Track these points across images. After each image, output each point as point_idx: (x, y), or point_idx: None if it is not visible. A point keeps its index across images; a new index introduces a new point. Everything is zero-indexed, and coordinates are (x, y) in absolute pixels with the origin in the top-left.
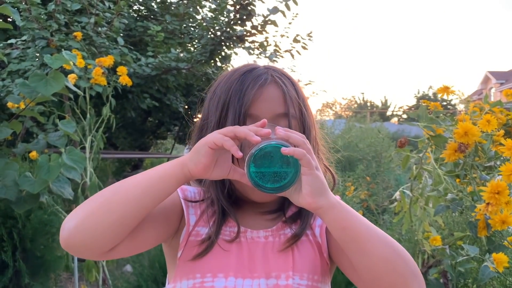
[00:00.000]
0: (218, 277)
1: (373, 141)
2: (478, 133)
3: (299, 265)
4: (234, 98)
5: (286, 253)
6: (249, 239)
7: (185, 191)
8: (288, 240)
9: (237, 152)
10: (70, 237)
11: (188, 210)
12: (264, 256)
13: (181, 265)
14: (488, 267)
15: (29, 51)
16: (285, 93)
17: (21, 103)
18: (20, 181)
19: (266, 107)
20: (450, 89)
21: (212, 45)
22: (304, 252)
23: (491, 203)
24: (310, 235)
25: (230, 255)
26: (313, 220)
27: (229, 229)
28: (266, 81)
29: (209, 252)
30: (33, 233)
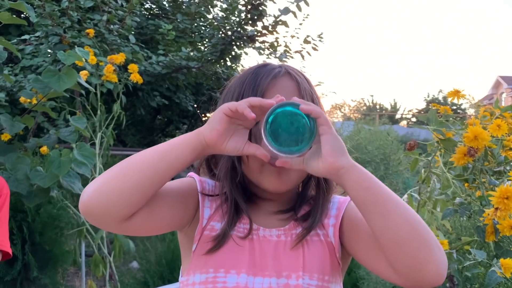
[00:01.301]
0: (230, 273)
1: (382, 143)
2: (488, 138)
3: (309, 265)
4: (248, 88)
5: (297, 253)
6: (261, 237)
7: (203, 183)
8: (299, 236)
9: (250, 114)
10: (88, 200)
11: (204, 202)
12: (275, 254)
13: (195, 259)
14: (495, 272)
15: (42, 47)
16: (299, 83)
17: (33, 98)
18: (31, 175)
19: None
20: (461, 93)
21: (222, 45)
22: (315, 252)
23: (500, 208)
24: (322, 235)
25: (243, 252)
26: (326, 219)
27: (242, 225)
28: (279, 72)
29: (223, 247)
30: (42, 227)
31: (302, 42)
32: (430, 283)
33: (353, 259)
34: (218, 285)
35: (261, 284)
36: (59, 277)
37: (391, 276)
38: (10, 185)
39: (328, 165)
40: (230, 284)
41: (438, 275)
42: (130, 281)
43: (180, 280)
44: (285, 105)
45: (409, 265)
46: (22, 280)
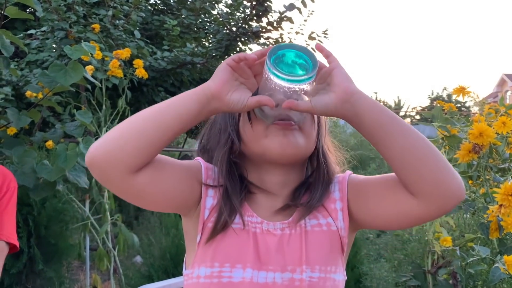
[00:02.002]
0: (236, 267)
1: None
2: (493, 135)
3: (312, 257)
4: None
5: (301, 246)
6: (265, 230)
7: (208, 170)
8: (302, 213)
9: (252, 55)
10: (94, 149)
11: (207, 191)
12: (279, 248)
13: (200, 251)
14: (498, 268)
15: (48, 42)
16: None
17: (40, 93)
18: (37, 168)
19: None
20: (466, 89)
21: (227, 41)
22: (317, 244)
23: (504, 205)
24: (325, 225)
25: (248, 246)
26: (332, 205)
27: (247, 218)
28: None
29: (227, 240)
30: (48, 220)
31: (307, 39)
32: (454, 198)
33: (353, 249)
34: (224, 279)
35: (265, 279)
36: (64, 270)
37: (413, 206)
38: (17, 178)
39: (342, 91)
40: (236, 279)
41: (460, 189)
42: (134, 275)
43: (184, 273)
44: (288, 47)
45: (433, 181)
46: (27, 273)
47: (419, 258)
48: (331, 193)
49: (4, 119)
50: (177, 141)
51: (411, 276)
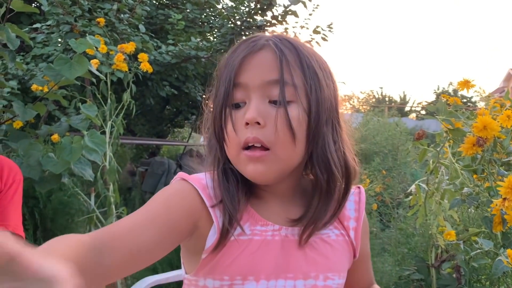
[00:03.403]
0: (248, 279)
1: (390, 134)
2: (498, 128)
3: (337, 264)
4: (225, 68)
5: (324, 252)
6: (283, 236)
7: (206, 189)
8: (314, 234)
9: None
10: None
11: (215, 213)
12: (300, 255)
13: (204, 263)
14: (501, 261)
15: (53, 36)
16: (280, 58)
17: (45, 86)
18: (43, 161)
19: (255, 73)
20: (471, 83)
21: (232, 34)
22: (340, 251)
23: (508, 199)
24: (345, 235)
25: (263, 255)
26: (346, 222)
27: (260, 227)
28: (258, 46)
29: (235, 251)
30: (54, 213)
31: (312, 32)
32: None
33: None
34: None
35: (283, 287)
36: None
37: None
38: (23, 171)
39: None
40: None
41: None
42: None
43: (186, 277)
44: None
45: None
46: None
47: (422, 252)
48: (347, 209)
49: (10, 113)
50: (182, 136)
51: (414, 270)
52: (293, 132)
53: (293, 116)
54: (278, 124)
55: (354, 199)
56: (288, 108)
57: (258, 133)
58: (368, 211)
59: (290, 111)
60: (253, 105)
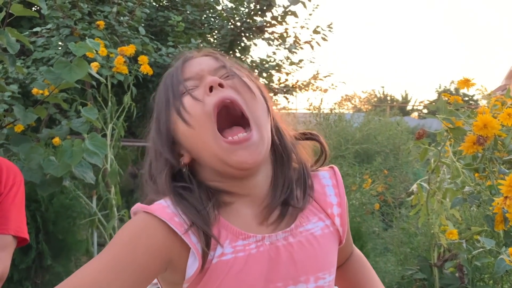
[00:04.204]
0: None
1: (392, 134)
2: (498, 126)
3: (326, 262)
4: (168, 78)
5: (311, 252)
6: (268, 245)
7: (173, 216)
8: (297, 216)
9: None
10: None
11: (191, 239)
12: (288, 260)
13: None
14: (504, 260)
15: (53, 39)
16: (216, 57)
17: (45, 89)
18: (44, 164)
19: (198, 68)
20: (471, 81)
21: (231, 36)
22: (329, 247)
23: (509, 197)
24: (330, 225)
25: (251, 271)
26: (329, 209)
27: (242, 242)
28: (192, 54)
29: (222, 274)
30: (55, 216)
31: (312, 33)
32: None
33: (359, 242)
34: None
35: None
36: (72, 265)
37: None
38: (24, 174)
39: None
40: None
41: None
42: None
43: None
44: None
45: None
46: (36, 268)
47: (425, 251)
48: (327, 196)
49: (11, 116)
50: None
51: (417, 270)
52: (251, 90)
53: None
54: (239, 87)
55: (332, 183)
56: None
57: (229, 93)
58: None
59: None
60: (209, 76)
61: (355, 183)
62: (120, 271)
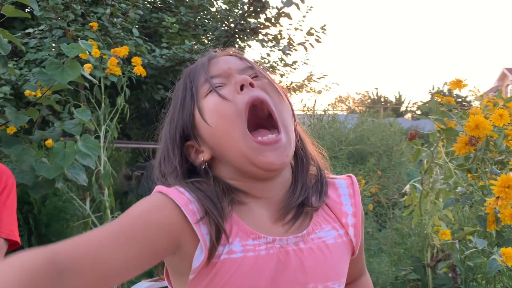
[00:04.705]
0: None
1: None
2: (490, 127)
3: (336, 271)
4: (192, 73)
5: (322, 260)
6: (278, 248)
7: (189, 204)
8: (309, 221)
9: None
10: None
11: (201, 230)
12: (298, 266)
13: (193, 286)
14: (495, 260)
15: (46, 41)
16: (239, 56)
17: (38, 91)
18: (36, 166)
19: (226, 66)
20: (463, 82)
21: (225, 37)
22: (340, 256)
23: (501, 197)
24: (344, 235)
25: (258, 273)
26: (344, 219)
27: (252, 241)
28: (216, 54)
29: (227, 272)
30: (48, 218)
31: (306, 34)
32: None
33: None
34: None
35: None
36: None
37: None
38: (16, 176)
39: None
40: None
41: None
42: None
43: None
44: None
45: None
46: None
47: (418, 252)
48: (343, 205)
49: (3, 118)
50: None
51: (410, 270)
52: (280, 92)
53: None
54: (268, 88)
55: (349, 193)
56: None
57: (259, 93)
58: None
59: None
60: (239, 75)
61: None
62: (127, 239)
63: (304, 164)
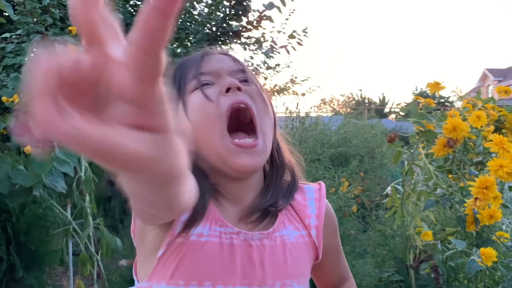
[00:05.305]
0: (204, 285)
1: (367, 136)
2: (467, 129)
3: (296, 270)
4: (183, 67)
5: (282, 258)
6: (242, 241)
7: None
8: (274, 220)
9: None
10: None
11: None
12: (259, 261)
13: (160, 265)
14: (475, 261)
15: (24, 45)
16: (231, 56)
17: (15, 96)
18: (12, 174)
19: (218, 65)
20: (441, 85)
21: (207, 41)
22: (300, 256)
23: (480, 198)
24: (306, 236)
25: (221, 260)
26: (306, 220)
27: (219, 228)
28: (211, 50)
29: (194, 253)
30: (27, 227)
31: (288, 37)
32: None
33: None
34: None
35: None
36: (46, 276)
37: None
38: None
39: None
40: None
41: None
42: (118, 278)
43: (139, 285)
44: None
45: None
46: (8, 280)
47: (402, 253)
48: (307, 207)
49: None
50: None
51: (394, 272)
52: (265, 101)
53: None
54: (255, 95)
55: (315, 197)
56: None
57: (244, 98)
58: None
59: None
60: (229, 77)
61: (332, 186)
62: None
63: (278, 173)
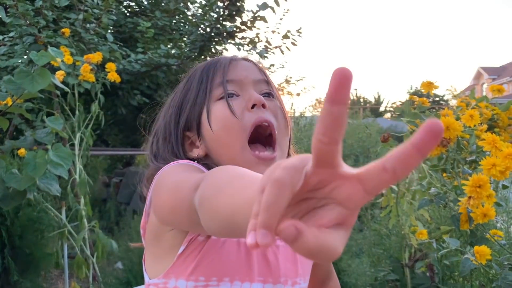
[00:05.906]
0: (223, 281)
1: (361, 136)
2: (460, 128)
3: (303, 269)
4: (211, 70)
5: (295, 258)
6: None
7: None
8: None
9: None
10: None
11: None
12: (273, 260)
13: (180, 262)
14: (469, 259)
15: (17, 48)
16: (256, 64)
17: (8, 99)
18: (6, 178)
19: (243, 74)
20: (434, 84)
21: (201, 41)
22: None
23: (473, 197)
24: None
25: (238, 257)
26: None
27: None
28: (237, 57)
29: (214, 251)
30: (22, 230)
31: (282, 38)
32: None
33: None
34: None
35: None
36: (42, 280)
37: None
38: None
39: None
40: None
41: None
42: (113, 281)
43: (151, 282)
44: None
45: None
46: (3, 284)
47: (397, 252)
48: None
49: None
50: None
51: (389, 271)
52: (286, 118)
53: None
54: (278, 112)
55: None
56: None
57: (268, 116)
58: None
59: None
60: (254, 92)
61: None
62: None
63: None
